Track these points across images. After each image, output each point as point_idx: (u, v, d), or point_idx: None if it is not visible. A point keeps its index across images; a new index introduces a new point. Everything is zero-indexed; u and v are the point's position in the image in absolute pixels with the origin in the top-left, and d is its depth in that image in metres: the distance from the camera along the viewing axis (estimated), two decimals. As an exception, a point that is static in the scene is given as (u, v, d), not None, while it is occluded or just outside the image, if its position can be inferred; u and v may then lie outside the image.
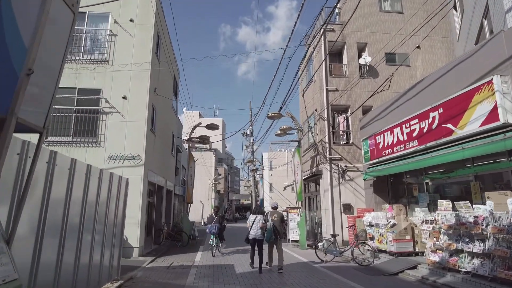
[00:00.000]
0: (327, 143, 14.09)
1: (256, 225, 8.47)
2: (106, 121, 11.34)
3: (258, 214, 8.67)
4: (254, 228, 8.47)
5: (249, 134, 33.64)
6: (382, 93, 14.47)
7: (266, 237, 8.37)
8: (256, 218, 8.57)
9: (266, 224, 8.45)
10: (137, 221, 10.74)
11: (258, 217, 8.60)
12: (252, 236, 8.47)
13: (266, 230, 8.38)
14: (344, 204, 13.65)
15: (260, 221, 8.49)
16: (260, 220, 8.51)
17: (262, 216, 8.68)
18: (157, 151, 13.41)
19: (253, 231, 8.47)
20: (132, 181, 10.98)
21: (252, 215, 8.77)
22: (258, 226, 8.44)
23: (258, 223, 8.47)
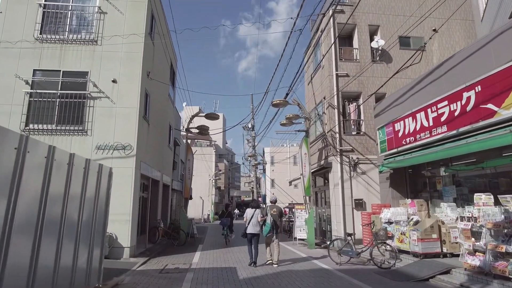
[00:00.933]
0: (337, 133, 12.93)
1: (254, 219, 8.43)
2: (94, 107, 10.19)
3: (256, 209, 8.61)
4: (252, 222, 8.43)
5: (251, 128, 32.49)
6: (396, 79, 13.27)
7: (265, 231, 8.38)
8: (254, 213, 8.50)
9: (264, 218, 8.49)
10: (128, 218, 9.62)
11: (256, 211, 8.53)
12: (250, 231, 8.42)
13: (265, 224, 8.40)
14: (356, 199, 12.52)
15: (258, 215, 8.47)
16: (258, 215, 8.48)
17: (260, 211, 8.63)
18: (151, 142, 12.27)
19: (250, 225, 8.43)
20: (122, 174, 9.89)
21: (250, 210, 8.67)
22: (256, 221, 8.44)
23: (256, 218, 8.45)
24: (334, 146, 12.84)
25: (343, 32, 14.09)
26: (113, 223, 9.51)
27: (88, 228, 5.39)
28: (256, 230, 8.43)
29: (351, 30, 14.60)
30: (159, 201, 13.81)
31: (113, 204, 9.79)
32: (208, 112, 13.85)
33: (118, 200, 9.64)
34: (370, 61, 13.92)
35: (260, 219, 8.47)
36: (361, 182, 12.84)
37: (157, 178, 13.25)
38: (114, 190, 9.94)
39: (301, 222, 12.90)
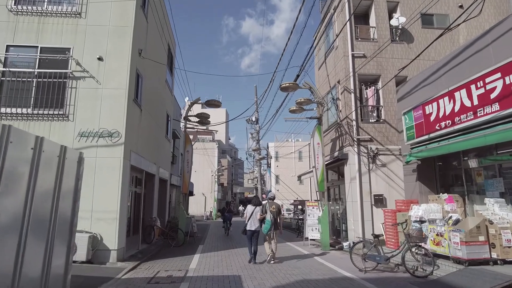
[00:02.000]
0: (354, 120, 11.49)
1: (254, 216, 8.40)
2: (77, 89, 8.84)
3: (257, 206, 8.53)
4: (252, 219, 8.40)
5: (255, 121, 31.09)
6: (418, 61, 11.78)
7: (265, 228, 8.31)
8: (254, 210, 8.45)
9: (264, 216, 8.42)
10: (115, 216, 8.28)
11: (257, 208, 8.48)
12: (250, 228, 8.37)
13: (265, 221, 8.35)
14: (376, 195, 11.10)
15: (258, 212, 8.43)
16: (258, 212, 8.44)
17: (260, 208, 8.56)
18: (145, 131, 10.90)
19: (251, 222, 8.39)
20: (108, 165, 8.54)
21: (250, 207, 8.60)
22: (256, 218, 8.39)
23: (256, 215, 8.41)
24: (351, 135, 11.41)
25: (359, 9, 12.59)
26: (97, 222, 8.21)
27: (43, 228, 4.02)
28: (256, 227, 8.37)
29: (367, 7, 13.12)
30: (154, 197, 12.48)
31: (98, 199, 8.48)
32: (209, 99, 12.46)
33: (103, 195, 8.33)
34: (389, 40, 12.44)
35: (260, 216, 8.41)
36: (381, 176, 11.41)
37: (152, 171, 11.90)
38: (99, 184, 8.63)
39: (313, 221, 11.51)
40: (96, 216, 8.23)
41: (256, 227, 8.34)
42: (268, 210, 8.41)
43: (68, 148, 4.50)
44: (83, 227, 8.10)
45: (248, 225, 8.39)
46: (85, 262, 7.69)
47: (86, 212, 8.18)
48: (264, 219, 8.41)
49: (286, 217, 33.82)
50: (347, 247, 10.95)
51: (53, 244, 4.16)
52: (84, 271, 6.92)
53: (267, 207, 8.50)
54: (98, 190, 8.33)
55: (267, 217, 8.35)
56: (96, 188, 8.33)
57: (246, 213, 8.64)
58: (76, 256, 7.64)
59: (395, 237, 9.09)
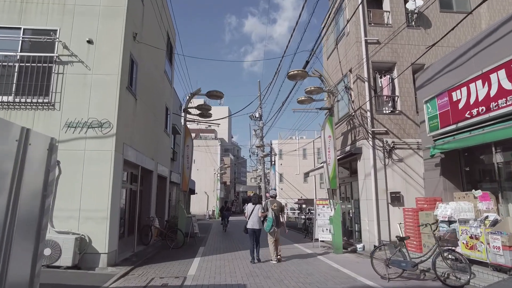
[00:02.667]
0: (369, 111, 10.55)
1: (254, 215, 8.35)
2: (64, 74, 7.98)
3: (257, 204, 8.49)
4: (253, 218, 8.35)
5: (258, 118, 30.18)
6: (436, 48, 10.82)
7: (267, 226, 8.20)
8: (254, 208, 8.40)
9: (265, 214, 8.33)
10: (105, 215, 7.41)
11: (257, 206, 8.43)
12: (251, 226, 8.33)
13: (267, 219, 8.25)
14: (392, 192, 10.17)
15: (258, 210, 8.37)
16: (259, 210, 8.38)
17: (261, 206, 8.50)
18: (141, 123, 10.03)
19: (251, 221, 8.34)
20: (98, 158, 7.66)
21: (250, 205, 8.56)
22: (257, 216, 8.34)
23: (256, 213, 8.35)
24: (365, 128, 10.47)
25: (371, -7, 11.66)
26: (86, 222, 7.36)
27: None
28: (257, 226, 8.31)
29: (381, -10, 12.16)
30: (152, 195, 11.61)
31: (87, 197, 7.59)
32: (211, 90, 11.55)
33: (92, 192, 7.47)
34: (405, 25, 11.48)
35: (260, 214, 8.33)
36: (398, 171, 10.47)
37: (149, 167, 11.03)
38: (88, 180, 7.73)
39: (323, 221, 10.60)
40: (85, 216, 7.37)
41: (257, 226, 8.31)
42: (269, 208, 8.32)
43: (33, 132, 3.61)
44: (69, 228, 7.25)
45: (249, 223, 8.37)
46: (71, 267, 6.84)
47: (73, 211, 7.35)
48: (265, 217, 8.35)
49: (291, 216, 32.99)
50: (360, 249, 10.06)
51: (9, 251, 3.28)
52: (68, 279, 6.07)
53: (268, 205, 8.40)
54: (87, 187, 7.47)
55: (268, 215, 8.26)
56: (84, 184, 7.48)
57: (246, 211, 8.61)
58: (60, 260, 6.81)
59: (417, 239, 8.17)
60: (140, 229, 11.02)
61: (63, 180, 7.48)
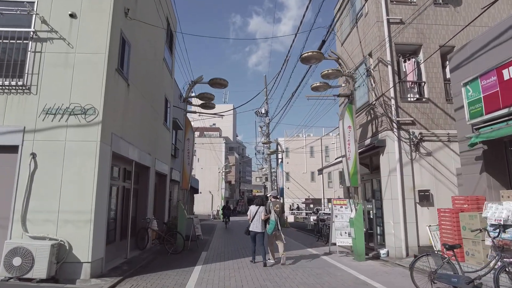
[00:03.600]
0: (393, 98, 9.30)
1: (258, 217, 8.04)
2: (42, 53, 6.85)
3: (260, 206, 8.14)
4: (256, 220, 8.05)
5: (264, 114, 28.99)
6: (467, 28, 9.51)
7: (269, 229, 7.99)
8: (258, 210, 8.09)
9: (268, 216, 8.10)
10: (88, 217, 6.26)
11: (260, 208, 8.11)
12: (254, 228, 8.04)
13: (270, 221, 8.02)
14: (421, 190, 8.92)
15: (262, 213, 8.07)
16: (262, 212, 8.08)
17: (264, 208, 8.19)
18: (135, 112, 8.88)
19: (254, 223, 8.06)
20: (80, 150, 6.47)
21: (254, 207, 8.22)
22: (260, 218, 8.02)
23: (260, 215, 8.04)
24: (389, 117, 9.22)
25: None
26: (65, 226, 6.23)
27: None
28: (260, 228, 8.00)
29: (403, -36, 10.88)
30: (149, 194, 10.45)
31: (67, 196, 6.37)
32: (214, 78, 10.37)
33: (74, 190, 6.34)
34: (432, 3, 10.22)
35: (264, 217, 8.04)
36: (426, 167, 9.22)
37: (145, 163, 9.88)
38: (69, 176, 6.37)
39: (341, 223, 9.37)
40: (65, 218, 6.23)
41: (260, 229, 8.00)
42: (272, 210, 8.08)
43: None
44: (46, 232, 6.12)
45: (251, 225, 8.06)
46: (46, 280, 5.70)
47: (50, 213, 6.22)
48: (268, 219, 8.09)
49: (298, 217, 31.74)
50: (384, 255, 8.83)
51: None
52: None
53: (270, 207, 8.17)
54: (67, 184, 6.34)
55: (271, 217, 8.04)
56: (65, 181, 6.34)
57: (249, 213, 8.25)
58: (33, 272, 5.68)
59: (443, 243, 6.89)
60: (136, 232, 9.90)
61: (40, 176, 6.35)
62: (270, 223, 8.00)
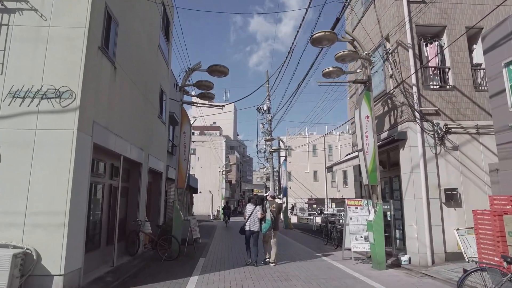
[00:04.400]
0: (415, 85, 8.25)
1: (254, 216, 7.91)
2: (9, 26, 5.82)
3: (257, 205, 8.04)
4: (252, 219, 7.90)
5: (266, 110, 27.94)
6: (498, 8, 8.47)
7: (264, 228, 7.87)
8: (254, 209, 7.95)
9: (264, 215, 7.95)
10: (62, 220, 5.22)
11: (257, 208, 7.98)
12: (249, 228, 7.88)
13: (265, 221, 7.90)
14: (447, 189, 7.87)
15: (258, 212, 7.93)
16: (259, 211, 7.94)
17: (261, 207, 8.08)
18: (123, 100, 7.84)
19: (250, 222, 7.90)
20: (54, 141, 5.45)
21: (250, 206, 8.13)
22: (256, 217, 7.90)
23: (256, 214, 7.91)
24: (411, 106, 8.17)
25: None
26: (33, 231, 5.20)
27: None
28: (255, 228, 7.89)
29: None
30: (141, 194, 9.40)
31: (36, 195, 5.24)
32: (213, 65, 9.32)
33: (44, 188, 5.29)
34: (456, -19, 9.17)
35: (260, 216, 7.94)
36: (452, 163, 8.17)
37: (136, 159, 8.84)
38: (39, 171, 5.28)
39: (357, 226, 8.31)
40: (33, 222, 5.19)
41: (256, 228, 7.88)
42: (268, 209, 8.01)
43: None
44: (9, 239, 5.09)
45: (247, 225, 7.92)
46: (6, 297, 4.65)
47: (16, 215, 5.18)
48: (264, 218, 7.96)
49: (301, 216, 30.69)
50: (405, 262, 7.79)
51: None
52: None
53: (267, 206, 8.09)
54: (37, 181, 5.30)
55: (267, 216, 7.95)
56: (34, 177, 5.31)
57: (245, 212, 8.16)
58: (-11, 288, 4.61)
59: (501, 254, 5.84)
60: (126, 236, 8.87)
61: (3, 171, 5.27)
62: (265, 222, 7.89)
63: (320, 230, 17.75)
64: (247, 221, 7.94)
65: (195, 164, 40.45)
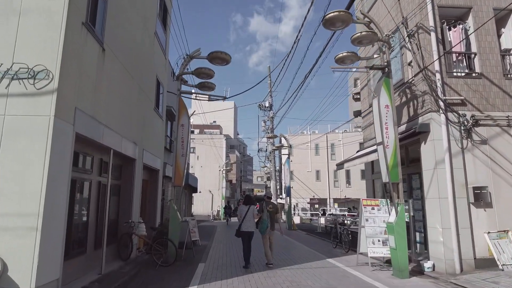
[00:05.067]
0: (438, 72, 7.41)
1: (249, 217, 7.59)
2: (-23, -3, 4.98)
3: (251, 205, 7.72)
4: (247, 220, 7.57)
5: (268, 107, 27.12)
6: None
7: (262, 228, 7.75)
8: (248, 210, 7.63)
9: (260, 215, 7.90)
10: (34, 223, 4.38)
11: (251, 208, 7.69)
12: (245, 229, 7.51)
13: (262, 221, 7.82)
14: (476, 188, 7.03)
15: (253, 212, 7.70)
16: (254, 211, 7.72)
17: (255, 207, 7.85)
18: (114, 87, 7.00)
19: (245, 223, 7.57)
20: (27, 130, 4.59)
21: (244, 206, 7.75)
22: (252, 218, 7.66)
23: (251, 215, 7.63)
24: (435, 95, 7.32)
25: None
26: (0, 236, 4.33)
27: None
28: (252, 228, 7.63)
29: None
30: (135, 192, 8.55)
31: (3, 194, 4.59)
32: (214, 51, 8.48)
33: (11, 183, 4.45)
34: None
35: (256, 216, 7.81)
36: (481, 158, 7.33)
37: (129, 154, 7.99)
38: (7, 164, 4.23)
39: (373, 229, 7.47)
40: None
41: (252, 229, 7.65)
42: (265, 210, 7.99)
43: None
44: (-30, 246, 4.24)
45: (242, 226, 7.56)
46: (-37, 317, 3.82)
47: (-21, 216, 4.33)
48: (260, 219, 7.90)
49: (305, 217, 29.85)
50: (429, 269, 6.94)
51: None
52: None
53: (264, 207, 8.05)
54: (4, 176, 4.46)
55: (263, 216, 7.88)
56: (1, 171, 4.46)
57: (239, 213, 7.88)
58: None
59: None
60: (118, 239, 8.04)
61: (-35, 164, 4.51)
62: (262, 222, 7.77)
63: (325, 231, 16.92)
64: (242, 223, 7.60)
65: (194, 163, 39.64)
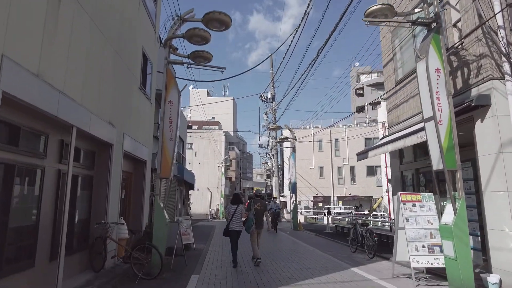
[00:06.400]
0: (502, 28, 5.71)
1: (237, 216, 7.58)
2: None
3: (239, 204, 7.71)
4: (235, 219, 7.55)
5: (270, 99, 25.47)
6: None
7: (247, 227, 7.65)
8: (237, 209, 7.62)
9: (247, 214, 7.79)
10: None
11: (239, 207, 7.67)
12: (234, 228, 7.52)
13: (248, 219, 7.72)
14: (555, 177, 5.33)
15: (241, 211, 7.68)
16: (242, 210, 7.71)
17: (243, 206, 7.88)
18: (77, 44, 5.26)
19: (233, 222, 7.53)
20: None
21: (232, 205, 7.75)
22: (240, 217, 7.64)
23: (239, 214, 7.62)
24: (498, 58, 5.62)
25: None
26: None
27: None
28: (239, 228, 7.58)
29: None
30: (111, 186, 6.83)
31: None
32: (211, 11, 6.78)
33: None
34: None
35: (244, 215, 7.69)
36: (556, 140, 5.62)
37: (103, 136, 6.26)
38: None
39: (416, 232, 5.78)
40: None
41: (240, 228, 7.59)
42: (252, 208, 7.93)
43: None
44: None
45: (230, 225, 7.49)
46: None
47: None
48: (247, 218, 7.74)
49: (311, 216, 28.20)
50: (495, 286, 5.24)
51: None
52: None
53: (252, 205, 8.05)
54: None
55: (249, 215, 7.74)
56: None
57: (227, 213, 8.00)
58: None
59: None
60: (89, 245, 6.34)
61: None
62: (248, 220, 7.70)
63: (336, 232, 15.28)
64: (230, 222, 7.54)
65: (192, 160, 37.93)
